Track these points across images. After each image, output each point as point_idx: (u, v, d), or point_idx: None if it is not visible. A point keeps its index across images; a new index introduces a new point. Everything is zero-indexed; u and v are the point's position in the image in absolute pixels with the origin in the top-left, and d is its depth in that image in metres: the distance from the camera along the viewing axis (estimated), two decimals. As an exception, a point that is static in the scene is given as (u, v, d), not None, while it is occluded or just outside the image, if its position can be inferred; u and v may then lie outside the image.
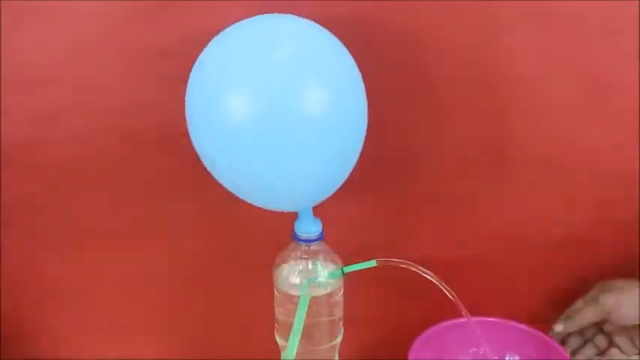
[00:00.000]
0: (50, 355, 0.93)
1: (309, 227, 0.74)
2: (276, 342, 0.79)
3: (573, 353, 0.84)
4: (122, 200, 0.86)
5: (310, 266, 0.75)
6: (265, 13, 0.69)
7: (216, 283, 0.90)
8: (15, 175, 0.85)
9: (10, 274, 0.90)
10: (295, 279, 0.75)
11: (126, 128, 0.83)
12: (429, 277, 0.71)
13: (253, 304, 0.88)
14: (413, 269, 0.71)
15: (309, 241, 0.74)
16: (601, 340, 0.84)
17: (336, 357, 0.80)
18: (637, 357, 0.82)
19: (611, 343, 0.83)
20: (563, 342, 0.84)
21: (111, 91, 0.82)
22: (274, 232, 0.77)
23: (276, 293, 0.77)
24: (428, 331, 0.82)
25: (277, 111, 0.62)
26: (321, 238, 0.75)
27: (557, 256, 0.89)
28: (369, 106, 0.69)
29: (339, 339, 0.79)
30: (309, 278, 0.75)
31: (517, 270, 0.90)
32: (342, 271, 0.74)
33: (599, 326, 0.84)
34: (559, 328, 0.83)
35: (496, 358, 0.84)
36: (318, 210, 0.74)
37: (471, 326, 0.73)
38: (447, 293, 0.71)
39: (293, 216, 0.74)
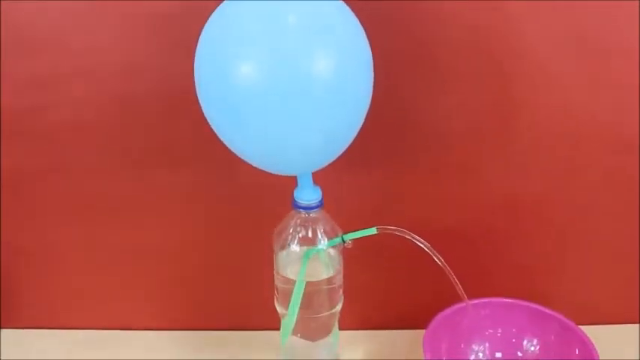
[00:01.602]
0: (50, 322, 0.93)
1: (308, 195, 0.74)
2: (276, 310, 0.79)
3: None
4: (122, 166, 0.86)
5: (310, 234, 0.75)
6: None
7: (215, 251, 0.90)
8: (14, 140, 0.85)
9: (10, 240, 0.90)
10: (295, 247, 0.75)
11: (126, 93, 0.82)
12: (427, 249, 0.71)
13: (253, 272, 0.88)
14: (408, 237, 0.71)
15: (308, 208, 0.74)
16: None
17: (336, 325, 0.80)
18: None
19: None
20: None
21: (111, 54, 0.81)
22: (274, 200, 0.77)
23: (275, 262, 0.77)
24: (444, 312, 0.81)
25: (285, 74, 0.62)
26: (320, 205, 0.74)
27: (558, 223, 0.89)
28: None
29: (339, 307, 0.79)
30: (309, 248, 0.74)
31: (518, 237, 0.90)
32: (342, 239, 0.74)
33: None
34: None
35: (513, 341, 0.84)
36: (318, 178, 0.74)
37: (452, 281, 0.73)
38: (441, 263, 0.71)
39: (293, 184, 0.74)
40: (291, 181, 0.74)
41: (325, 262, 0.77)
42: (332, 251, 0.77)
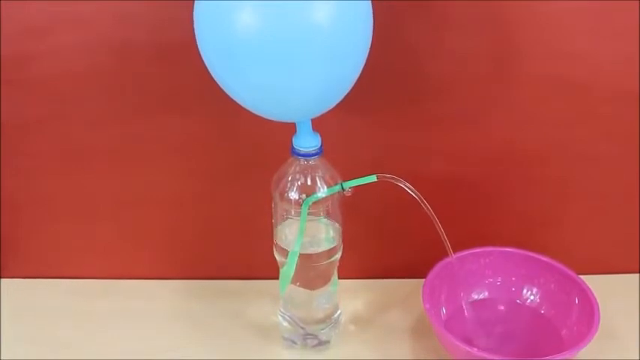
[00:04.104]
0: (49, 272, 0.93)
1: (307, 142, 0.73)
2: (275, 259, 0.79)
3: None
4: (121, 115, 0.85)
5: (309, 182, 0.74)
6: None
7: (214, 199, 0.90)
8: (9, 90, 0.83)
9: (7, 191, 0.90)
10: (294, 194, 0.74)
11: (119, 40, 0.81)
12: (419, 199, 0.71)
13: (252, 219, 0.88)
14: (401, 185, 0.71)
15: (307, 155, 0.73)
16: None
17: (336, 274, 0.80)
18: None
19: None
20: None
21: (103, 1, 0.79)
22: (274, 147, 0.75)
23: (274, 210, 0.77)
24: (443, 261, 0.80)
25: (284, 21, 0.61)
26: (320, 153, 0.73)
27: (559, 173, 0.88)
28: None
29: (339, 255, 0.79)
30: (308, 197, 0.74)
31: (518, 187, 0.89)
32: (342, 187, 0.73)
33: None
34: None
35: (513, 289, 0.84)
36: (318, 125, 0.73)
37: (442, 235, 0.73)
38: (430, 214, 0.71)
39: (293, 131, 0.73)
40: (292, 128, 0.73)
41: (325, 224, 0.77)
42: (336, 225, 0.77)
